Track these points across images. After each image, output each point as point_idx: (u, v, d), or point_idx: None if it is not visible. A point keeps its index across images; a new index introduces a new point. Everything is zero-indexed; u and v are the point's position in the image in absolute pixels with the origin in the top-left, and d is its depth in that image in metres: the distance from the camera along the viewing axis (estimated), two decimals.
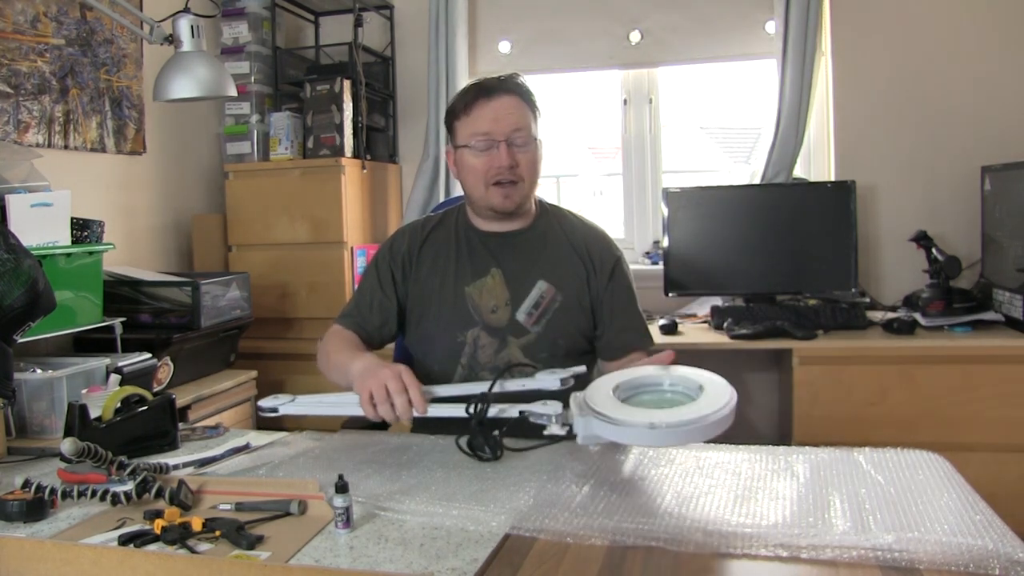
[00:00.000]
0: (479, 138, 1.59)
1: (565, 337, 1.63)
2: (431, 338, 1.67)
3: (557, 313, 1.63)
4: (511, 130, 1.58)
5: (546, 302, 1.63)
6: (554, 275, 1.65)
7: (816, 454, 1.34)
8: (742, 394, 1.17)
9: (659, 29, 3.05)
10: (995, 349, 2.32)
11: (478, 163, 1.60)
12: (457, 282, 1.66)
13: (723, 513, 1.10)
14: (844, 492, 1.16)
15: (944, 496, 1.13)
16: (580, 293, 1.66)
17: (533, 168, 1.62)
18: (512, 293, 1.63)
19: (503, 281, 1.64)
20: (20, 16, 2.26)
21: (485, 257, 1.67)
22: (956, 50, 2.81)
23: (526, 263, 1.66)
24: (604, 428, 1.17)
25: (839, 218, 2.66)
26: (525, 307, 1.62)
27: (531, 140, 1.61)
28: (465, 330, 1.63)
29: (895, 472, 1.24)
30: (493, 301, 1.63)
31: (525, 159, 1.60)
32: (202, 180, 3.11)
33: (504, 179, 1.59)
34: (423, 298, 1.68)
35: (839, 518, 1.07)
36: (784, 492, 1.17)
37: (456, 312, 1.64)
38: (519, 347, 1.62)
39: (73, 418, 1.43)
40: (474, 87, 1.63)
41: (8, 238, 1.38)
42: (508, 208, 1.62)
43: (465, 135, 1.61)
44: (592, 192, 3.81)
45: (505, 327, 1.62)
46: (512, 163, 1.58)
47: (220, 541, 1.07)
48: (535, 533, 1.06)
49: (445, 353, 1.65)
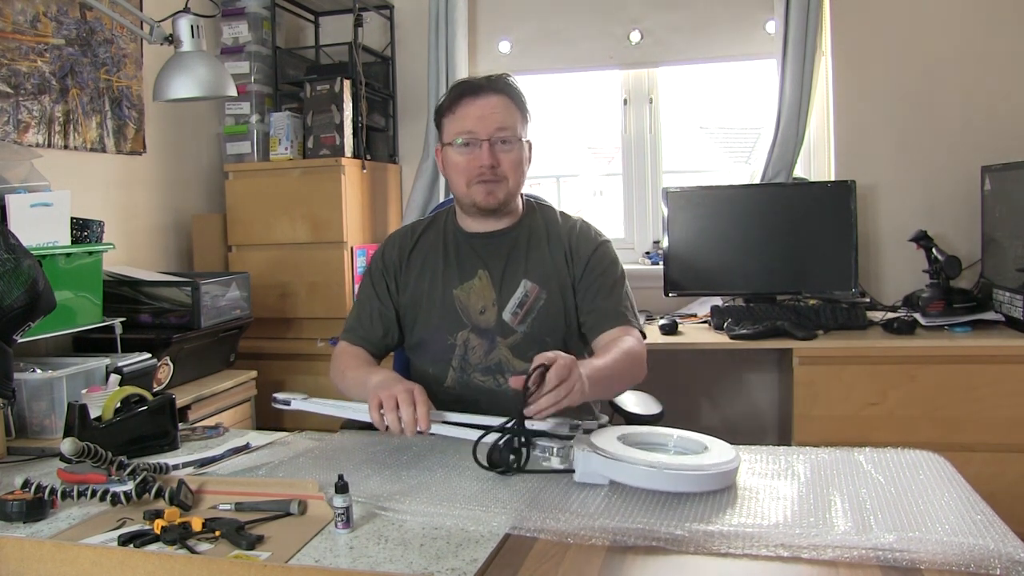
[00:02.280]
0: (463, 136, 1.60)
1: (552, 335, 1.62)
2: (423, 342, 1.69)
3: (541, 311, 1.63)
4: (494, 129, 1.58)
5: (530, 301, 1.63)
6: (538, 274, 1.65)
7: (816, 454, 1.34)
8: (742, 394, 1.18)
9: (659, 29, 3.05)
10: (995, 349, 2.32)
11: (461, 161, 1.61)
12: (445, 285, 1.67)
13: (724, 513, 1.10)
14: (845, 492, 1.16)
15: (945, 496, 1.13)
16: (563, 288, 1.66)
17: (517, 168, 1.63)
18: (499, 294, 1.64)
19: (490, 282, 1.65)
20: (20, 16, 2.26)
21: (472, 259, 1.68)
22: (956, 50, 2.81)
23: (512, 263, 1.66)
24: (604, 465, 1.20)
25: (839, 218, 2.66)
26: (510, 307, 1.63)
27: (515, 140, 1.61)
28: (455, 332, 1.64)
29: (895, 472, 1.24)
30: (481, 303, 1.64)
31: (508, 159, 1.60)
32: (202, 180, 3.11)
33: (486, 177, 1.59)
34: (414, 303, 1.70)
35: (840, 518, 1.06)
36: (785, 492, 1.17)
37: (445, 315, 1.65)
38: (508, 347, 1.62)
39: (73, 418, 1.43)
40: (461, 85, 1.64)
41: (8, 238, 1.38)
42: (491, 205, 1.62)
43: (451, 133, 1.63)
44: (592, 192, 3.81)
45: (493, 328, 1.63)
46: (494, 162, 1.58)
47: (220, 541, 1.07)
48: (535, 533, 1.06)
49: (437, 356, 1.66)
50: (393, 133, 3.27)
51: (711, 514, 1.10)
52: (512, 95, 1.63)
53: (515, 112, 1.62)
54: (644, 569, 0.99)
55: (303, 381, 2.76)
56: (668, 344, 2.50)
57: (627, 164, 3.22)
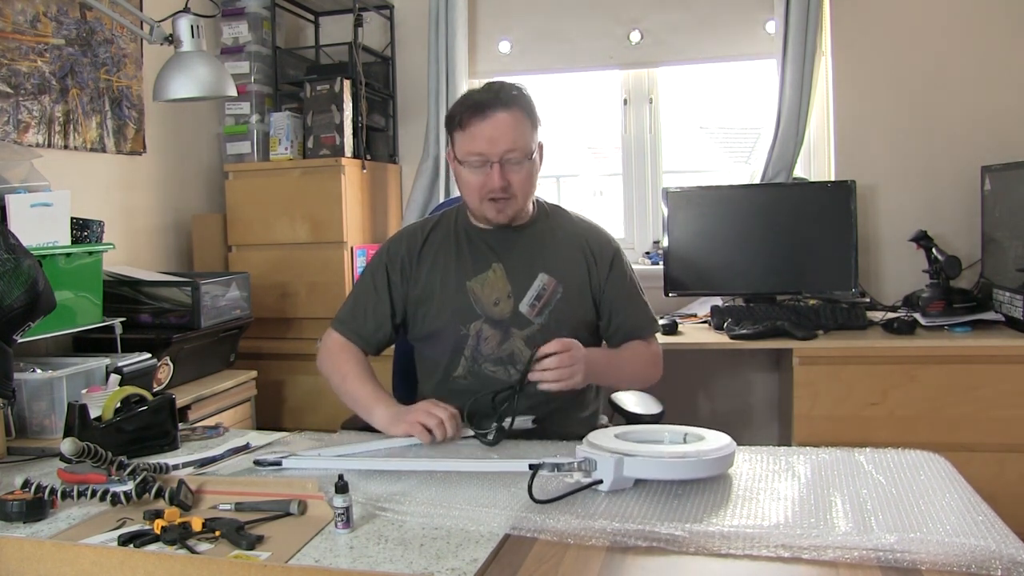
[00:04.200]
0: (474, 157, 1.61)
1: (568, 328, 1.65)
2: (434, 333, 1.71)
3: (559, 304, 1.68)
4: (504, 151, 1.59)
5: (548, 294, 1.68)
6: (555, 268, 1.69)
7: (817, 455, 1.34)
8: (742, 394, 1.19)
9: (659, 29, 3.05)
10: (995, 349, 2.32)
11: (473, 180, 1.63)
12: (459, 277, 1.70)
13: (724, 514, 1.10)
14: (846, 493, 1.16)
15: (945, 497, 1.13)
16: (581, 285, 1.71)
17: (528, 184, 1.66)
18: (514, 286, 1.68)
19: (504, 275, 1.69)
20: (20, 16, 2.26)
21: (486, 252, 1.71)
22: (956, 50, 2.81)
23: (527, 257, 1.70)
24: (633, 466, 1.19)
25: (839, 218, 2.66)
26: (527, 299, 1.67)
27: (525, 159, 1.62)
28: (468, 323, 1.67)
29: (896, 473, 1.24)
30: (495, 294, 1.68)
31: (518, 178, 1.62)
32: (202, 180, 3.11)
33: (496, 196, 1.63)
34: (426, 296, 1.72)
35: (841, 519, 1.07)
36: (785, 492, 1.17)
37: (458, 306, 1.68)
38: (522, 338, 1.66)
39: (73, 418, 1.43)
40: (470, 102, 1.63)
41: (8, 238, 1.38)
42: (501, 221, 1.67)
43: (462, 151, 1.64)
44: (592, 192, 3.80)
45: (508, 319, 1.67)
46: (504, 183, 1.61)
47: (220, 541, 1.07)
48: (535, 533, 1.06)
49: (449, 346, 1.69)
50: (393, 133, 3.26)
51: (711, 514, 1.10)
52: (521, 106, 1.62)
53: (525, 125, 1.62)
54: (644, 569, 0.99)
55: (303, 381, 2.75)
56: (668, 344, 2.49)
57: (627, 164, 3.22)
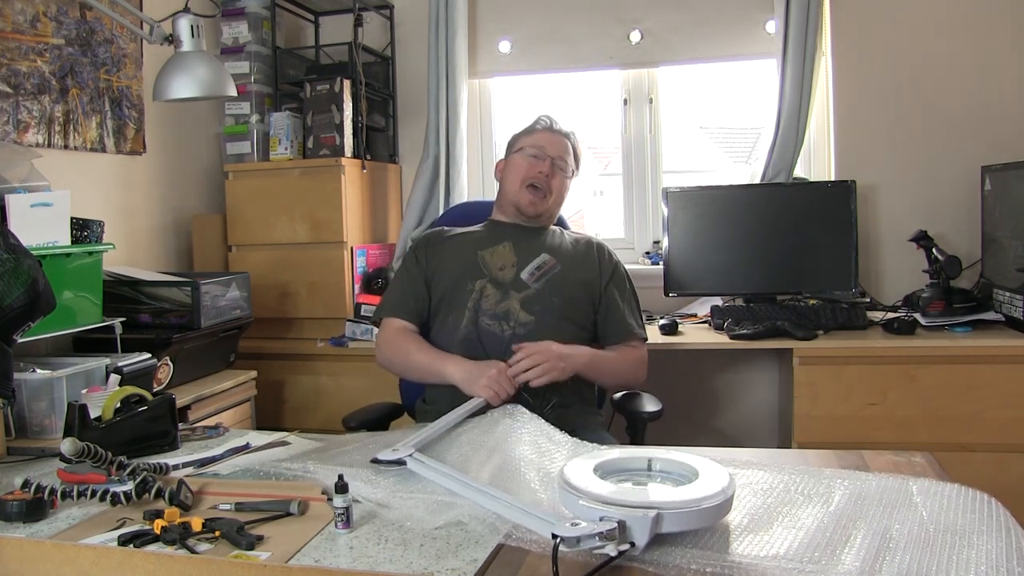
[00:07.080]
0: (534, 149, 2.03)
1: (560, 297, 1.92)
2: (444, 289, 1.96)
3: (555, 277, 1.95)
4: (558, 155, 2.03)
5: (547, 267, 1.96)
6: (556, 253, 2.00)
7: (865, 480, 1.22)
8: (742, 394, 1.17)
9: (659, 29, 3.05)
10: (995, 349, 2.32)
11: (524, 164, 2.03)
12: (474, 247, 2.00)
13: (723, 540, 1.04)
14: (875, 525, 1.06)
15: (986, 542, 1.01)
16: (578, 269, 1.98)
17: (560, 192, 2.05)
18: (519, 259, 1.97)
19: (512, 251, 1.98)
20: (20, 16, 2.26)
21: (500, 235, 2.03)
22: (956, 50, 2.81)
23: (535, 242, 2.01)
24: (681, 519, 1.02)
25: (839, 218, 2.66)
26: (529, 268, 1.95)
27: (566, 174, 2.05)
28: (474, 280, 1.93)
29: (944, 509, 1.11)
30: (502, 262, 1.97)
31: (557, 181, 2.03)
32: (202, 180, 3.11)
33: (539, 183, 2.00)
34: (443, 266, 1.98)
35: (850, 555, 0.98)
36: (805, 520, 1.08)
37: (468, 267, 1.96)
38: (518, 300, 1.91)
39: (73, 418, 1.43)
40: (544, 120, 2.10)
41: (8, 238, 1.38)
42: (532, 212, 2.01)
43: (524, 144, 2.06)
44: (592, 192, 3.80)
45: (509, 283, 1.93)
46: (549, 173, 2.00)
47: (220, 541, 1.07)
48: (529, 545, 1.05)
49: (456, 301, 1.92)
50: (393, 133, 3.26)
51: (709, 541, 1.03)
52: (573, 144, 2.08)
53: (571, 156, 2.07)
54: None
55: (303, 381, 2.76)
56: (668, 344, 2.50)
57: (627, 164, 3.22)
